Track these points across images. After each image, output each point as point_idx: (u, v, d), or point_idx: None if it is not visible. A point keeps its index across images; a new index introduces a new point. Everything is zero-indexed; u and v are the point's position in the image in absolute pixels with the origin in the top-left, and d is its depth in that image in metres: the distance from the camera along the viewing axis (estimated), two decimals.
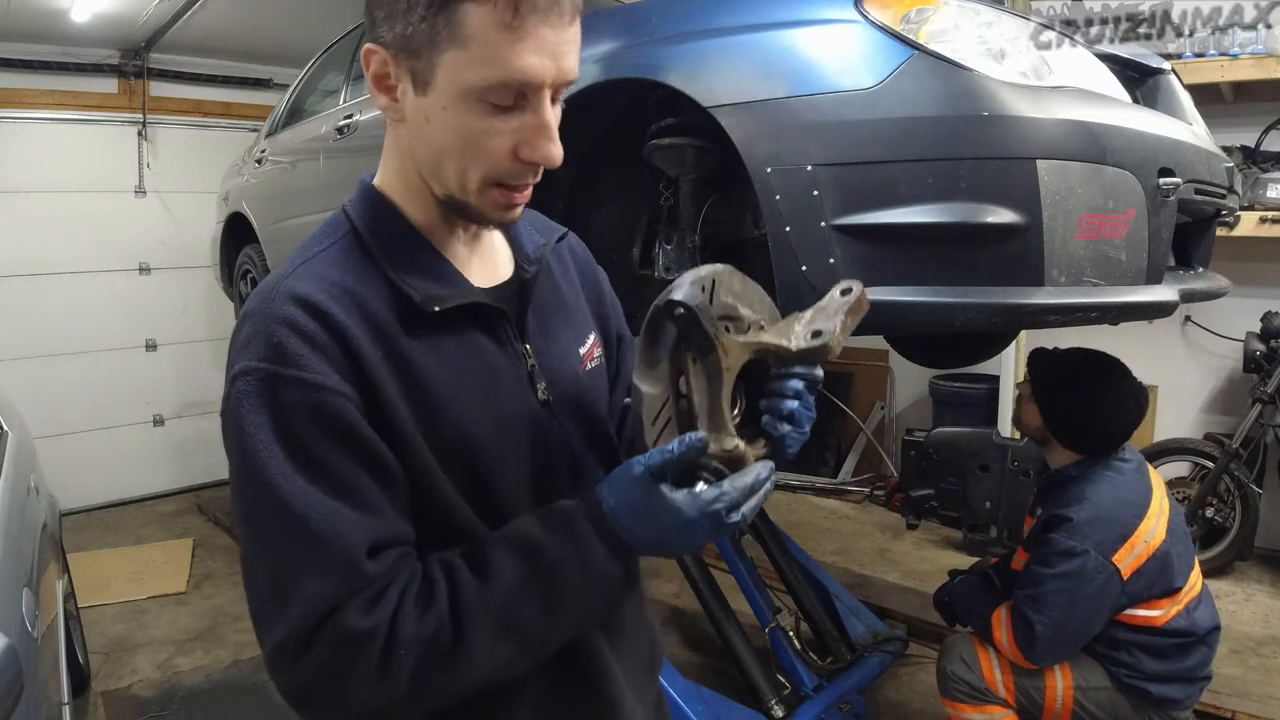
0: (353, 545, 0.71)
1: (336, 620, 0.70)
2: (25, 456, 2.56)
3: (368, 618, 0.70)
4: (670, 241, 1.94)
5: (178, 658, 3.26)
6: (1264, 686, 2.78)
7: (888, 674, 2.87)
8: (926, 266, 1.45)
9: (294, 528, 0.70)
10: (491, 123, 0.74)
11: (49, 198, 4.89)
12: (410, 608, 0.72)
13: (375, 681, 0.71)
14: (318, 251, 0.81)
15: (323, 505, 0.71)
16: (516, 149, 0.76)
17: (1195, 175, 1.69)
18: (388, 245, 0.81)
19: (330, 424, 0.72)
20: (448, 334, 0.81)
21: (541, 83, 0.73)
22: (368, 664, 0.70)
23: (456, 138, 0.75)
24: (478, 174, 0.77)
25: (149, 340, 5.40)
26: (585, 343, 0.96)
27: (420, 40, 0.72)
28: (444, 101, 0.74)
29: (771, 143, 1.51)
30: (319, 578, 0.70)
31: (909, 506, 4.21)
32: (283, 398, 0.71)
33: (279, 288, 0.76)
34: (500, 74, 0.71)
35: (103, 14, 4.36)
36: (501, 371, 0.85)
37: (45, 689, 1.72)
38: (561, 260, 0.99)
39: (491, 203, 0.79)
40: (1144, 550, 1.88)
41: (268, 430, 0.71)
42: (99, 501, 5.12)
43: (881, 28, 1.48)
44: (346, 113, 3.07)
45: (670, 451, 0.76)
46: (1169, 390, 4.07)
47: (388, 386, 0.75)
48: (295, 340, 0.72)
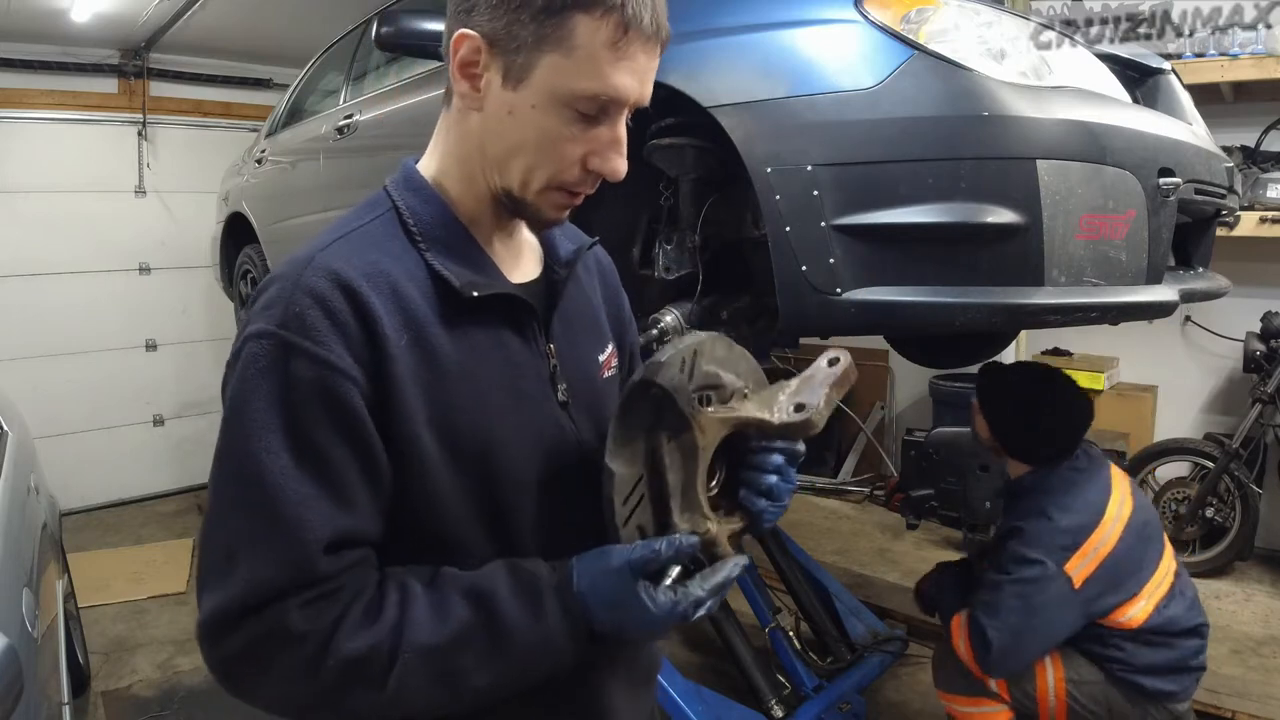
0: (313, 539, 0.70)
1: (276, 612, 0.69)
2: (25, 456, 2.56)
3: (307, 620, 0.69)
4: (670, 241, 1.94)
5: (178, 658, 3.26)
6: (1264, 686, 2.78)
7: (888, 674, 2.87)
8: (926, 266, 1.45)
9: (263, 504, 0.69)
10: (572, 129, 0.77)
11: (49, 198, 4.89)
12: (353, 622, 0.71)
13: (293, 681, 0.70)
14: (357, 227, 0.81)
15: (297, 490, 0.70)
16: (587, 158, 0.79)
17: (1195, 175, 1.69)
18: (429, 228, 0.82)
19: (333, 407, 0.71)
20: (478, 324, 0.81)
21: (626, 101, 0.77)
22: (292, 663, 0.70)
23: (536, 136, 0.77)
24: (544, 174, 0.79)
25: (149, 340, 5.40)
26: (604, 351, 0.97)
27: (524, 38, 0.75)
28: (534, 100, 0.76)
29: (771, 143, 1.51)
30: (269, 563, 0.69)
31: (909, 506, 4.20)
32: (292, 369, 0.71)
33: (314, 258, 0.75)
34: (597, 87, 0.75)
35: (103, 14, 4.36)
36: (525, 368, 0.85)
37: (45, 689, 1.72)
38: (588, 269, 1.01)
39: (550, 203, 0.82)
40: (1094, 559, 1.87)
41: (269, 398, 0.71)
42: (99, 501, 5.12)
43: (881, 28, 1.48)
44: (346, 113, 3.07)
45: (656, 551, 0.76)
46: (1169, 390, 4.07)
47: (405, 374, 0.75)
48: (317, 314, 0.72)
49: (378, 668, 0.70)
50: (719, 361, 0.86)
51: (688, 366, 0.82)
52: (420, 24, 2.09)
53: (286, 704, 0.74)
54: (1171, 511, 3.76)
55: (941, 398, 4.57)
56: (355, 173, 2.98)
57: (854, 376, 0.87)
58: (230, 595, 0.69)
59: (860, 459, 5.09)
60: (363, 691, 0.71)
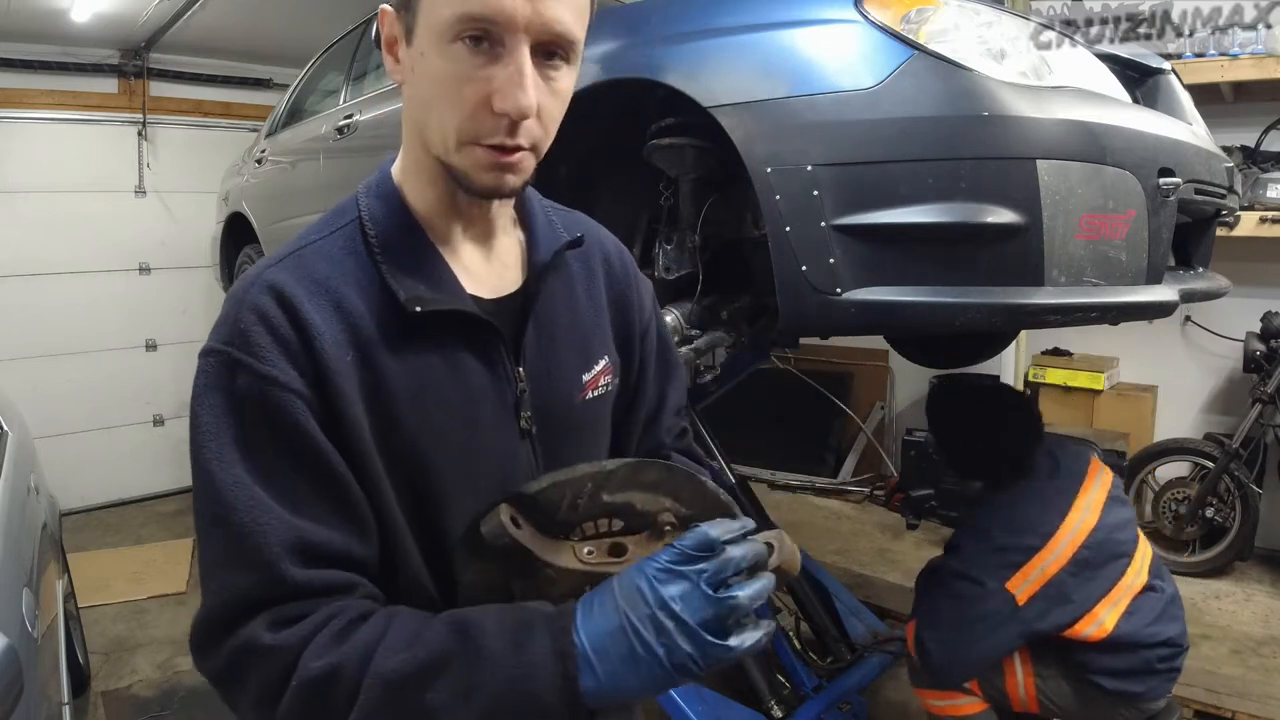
0: (274, 545, 0.67)
1: (249, 627, 0.67)
2: (25, 456, 2.55)
3: (275, 636, 0.66)
4: (670, 241, 1.94)
5: (178, 658, 3.25)
6: (1264, 686, 2.78)
7: (888, 674, 2.87)
8: (926, 266, 1.45)
9: (221, 516, 0.68)
10: (464, 67, 0.70)
11: (49, 198, 4.88)
12: (321, 643, 0.65)
13: (264, 703, 0.67)
14: (314, 240, 0.78)
15: (250, 500, 0.68)
16: (490, 98, 0.70)
17: (1195, 175, 1.69)
18: (387, 238, 0.78)
19: (275, 419, 0.69)
20: (431, 345, 0.76)
21: (511, 20, 0.68)
22: (263, 681, 0.66)
23: (434, 85, 0.72)
24: (453, 126, 0.72)
25: (149, 340, 5.39)
26: (592, 368, 0.87)
27: None
28: (423, 47, 0.72)
29: (771, 143, 1.51)
30: (236, 571, 0.68)
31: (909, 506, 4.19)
32: (237, 384, 0.70)
33: (262, 274, 0.74)
34: (466, 6, 0.68)
35: (103, 14, 4.35)
36: (483, 393, 0.78)
37: (45, 689, 1.72)
38: (590, 270, 0.91)
39: (474, 163, 0.73)
40: (1038, 578, 1.85)
41: (217, 413, 0.70)
42: (99, 501, 5.12)
43: (881, 28, 1.48)
44: (346, 113, 3.07)
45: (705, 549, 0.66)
46: (1169, 390, 4.07)
47: (349, 392, 0.72)
48: (260, 330, 0.70)
49: (340, 695, 0.64)
50: (645, 487, 0.75)
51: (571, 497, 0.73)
52: None
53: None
54: (1171, 511, 3.76)
55: None
56: (355, 173, 2.97)
57: (791, 572, 0.76)
58: (209, 607, 0.69)
59: (860, 459, 5.09)
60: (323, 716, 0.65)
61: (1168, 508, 3.77)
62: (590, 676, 0.63)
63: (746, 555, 0.65)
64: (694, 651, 0.62)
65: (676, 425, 1.01)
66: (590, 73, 1.76)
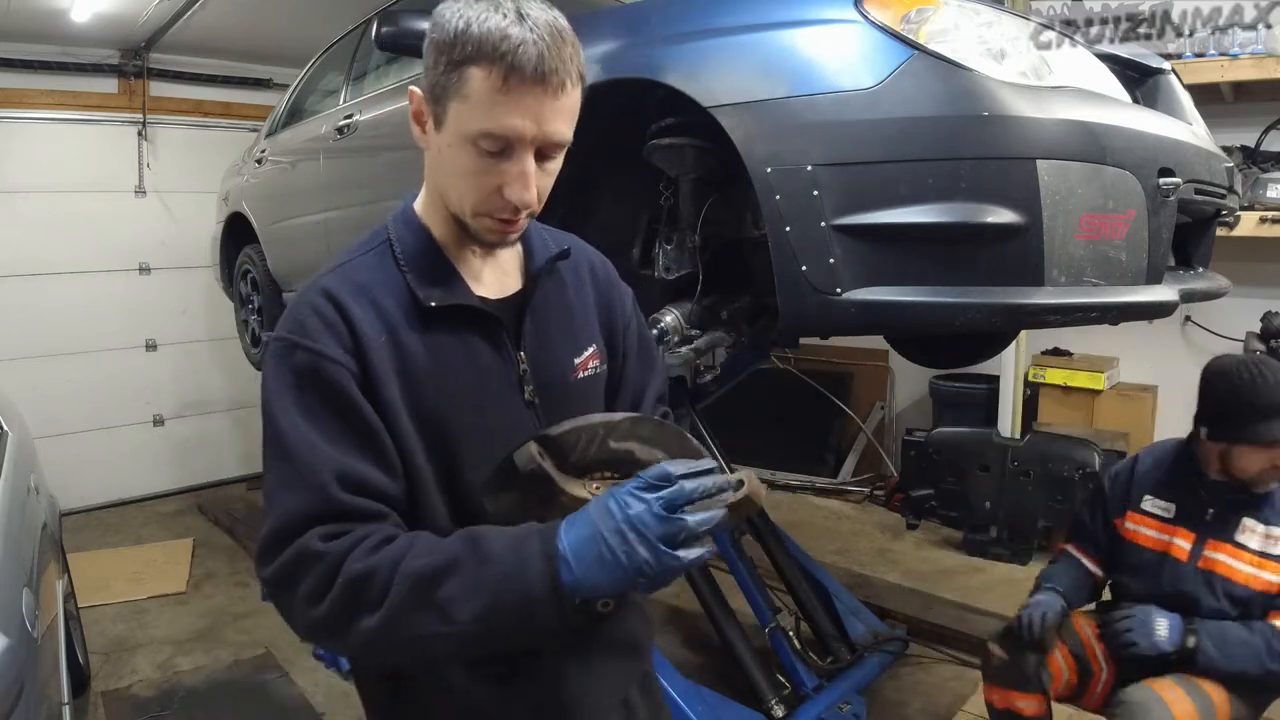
0: (325, 473, 0.85)
1: (304, 538, 0.84)
2: (25, 456, 2.56)
3: (325, 544, 0.83)
4: (670, 241, 1.94)
5: (178, 658, 3.26)
6: None
7: (888, 674, 2.87)
8: (926, 266, 1.45)
9: (285, 454, 0.87)
10: (482, 164, 0.89)
11: (49, 198, 4.89)
12: (362, 550, 0.83)
13: (313, 602, 0.83)
14: (355, 257, 0.99)
15: (307, 441, 0.87)
16: (502, 189, 0.90)
17: (1195, 175, 1.69)
18: (411, 255, 0.98)
19: (325, 384, 0.89)
20: (447, 332, 0.96)
21: (521, 138, 0.87)
22: (313, 583, 0.83)
23: (456, 170, 0.91)
24: (470, 202, 0.92)
25: (149, 340, 5.40)
26: (582, 353, 1.07)
27: (440, 89, 0.89)
28: (449, 140, 0.90)
29: (771, 143, 1.51)
30: (295, 495, 0.86)
31: (909, 506, 4.21)
32: (294, 360, 0.90)
33: (317, 282, 0.95)
34: (489, 126, 0.86)
35: (103, 14, 4.36)
36: (492, 372, 0.98)
37: (45, 689, 1.72)
38: (578, 276, 1.11)
39: (484, 228, 0.94)
40: None
41: (281, 381, 0.90)
42: (99, 501, 5.12)
43: (881, 28, 1.48)
44: (346, 113, 3.07)
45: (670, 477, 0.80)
46: (1169, 390, 4.07)
47: (383, 365, 0.91)
48: (314, 320, 0.91)
49: (375, 590, 0.81)
50: (642, 440, 0.91)
51: (584, 442, 0.88)
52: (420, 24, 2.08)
53: (312, 628, 0.86)
54: None
55: (941, 398, 4.58)
56: (355, 173, 2.98)
57: (753, 506, 0.90)
58: (271, 526, 0.86)
59: (860, 459, 5.09)
60: (363, 614, 0.81)
61: None
62: (568, 572, 0.79)
63: (697, 488, 0.80)
64: (649, 557, 0.77)
65: (658, 411, 1.18)
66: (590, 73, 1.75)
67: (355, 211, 2.89)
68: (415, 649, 0.83)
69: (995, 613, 3.35)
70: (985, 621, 3.26)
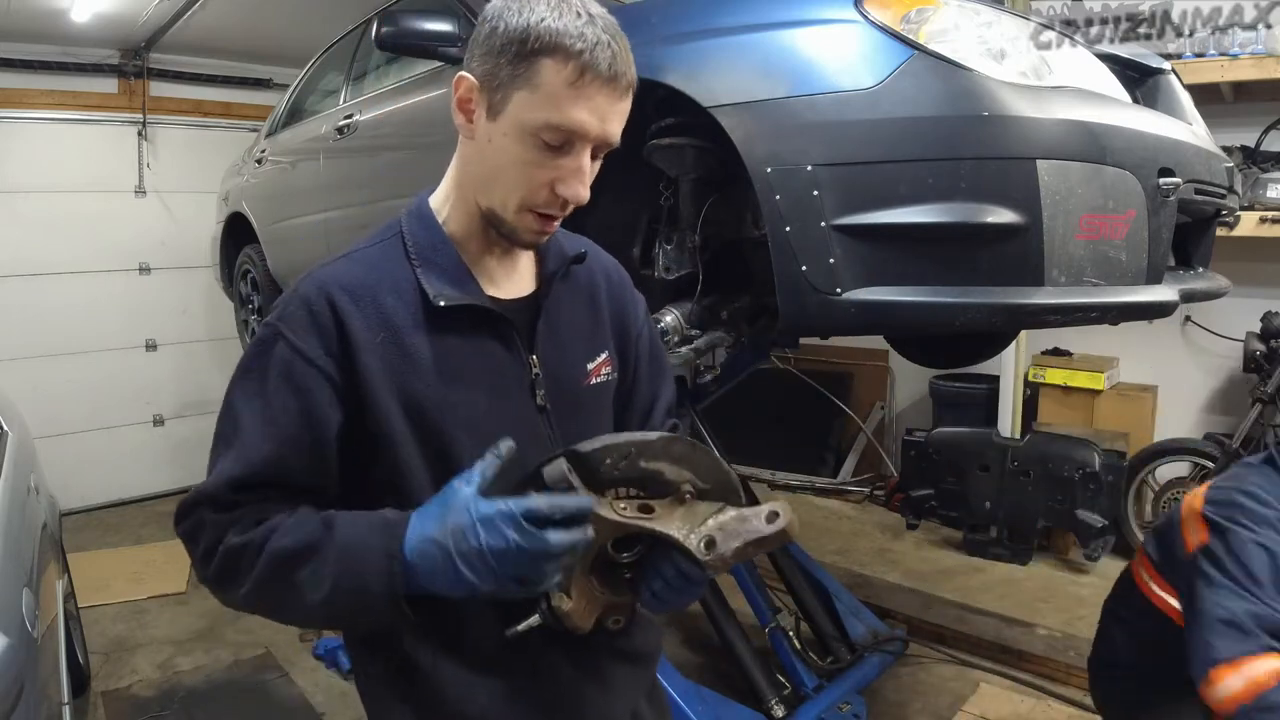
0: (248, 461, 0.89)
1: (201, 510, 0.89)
2: (25, 456, 2.56)
3: (214, 516, 0.88)
4: (670, 241, 1.94)
5: (178, 658, 3.26)
6: None
7: (888, 674, 2.87)
8: (926, 266, 1.45)
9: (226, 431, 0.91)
10: (539, 157, 0.88)
11: (49, 198, 4.89)
12: (243, 524, 0.88)
13: (199, 562, 0.90)
14: (362, 248, 0.98)
15: (250, 425, 0.90)
16: (554, 184, 0.90)
17: (1195, 175, 1.69)
18: (424, 250, 0.96)
19: (293, 381, 0.90)
20: (458, 332, 0.94)
21: (586, 134, 0.88)
22: (202, 547, 0.89)
23: (509, 161, 0.89)
24: (517, 196, 0.91)
25: (149, 340, 5.39)
26: (595, 358, 1.05)
27: (503, 78, 0.88)
28: (506, 129, 0.88)
29: (771, 143, 1.51)
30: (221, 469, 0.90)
31: (909, 506, 4.21)
32: (275, 350, 0.91)
33: (315, 274, 0.94)
34: (556, 118, 0.86)
35: (103, 14, 4.36)
36: (506, 373, 0.97)
37: (45, 689, 1.72)
38: (593, 283, 1.09)
39: (525, 225, 0.93)
40: None
41: (255, 366, 0.92)
42: (99, 501, 5.12)
43: (881, 28, 1.48)
44: (346, 113, 3.07)
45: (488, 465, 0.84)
46: (1169, 390, 4.07)
47: (376, 365, 0.90)
48: (303, 314, 0.91)
49: (246, 563, 0.86)
50: (674, 459, 0.89)
51: (617, 460, 0.87)
52: (420, 24, 2.09)
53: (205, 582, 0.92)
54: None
55: (941, 398, 4.58)
56: (355, 173, 2.98)
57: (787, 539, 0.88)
58: (195, 491, 0.90)
59: (860, 459, 5.09)
60: (237, 582, 0.87)
61: (1168, 508, 3.77)
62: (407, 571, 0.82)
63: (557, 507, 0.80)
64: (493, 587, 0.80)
65: (667, 423, 1.17)
66: None
67: (355, 211, 2.89)
68: (280, 617, 0.94)
69: (995, 613, 3.35)
70: (985, 621, 3.27)
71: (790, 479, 5.06)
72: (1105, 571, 3.77)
